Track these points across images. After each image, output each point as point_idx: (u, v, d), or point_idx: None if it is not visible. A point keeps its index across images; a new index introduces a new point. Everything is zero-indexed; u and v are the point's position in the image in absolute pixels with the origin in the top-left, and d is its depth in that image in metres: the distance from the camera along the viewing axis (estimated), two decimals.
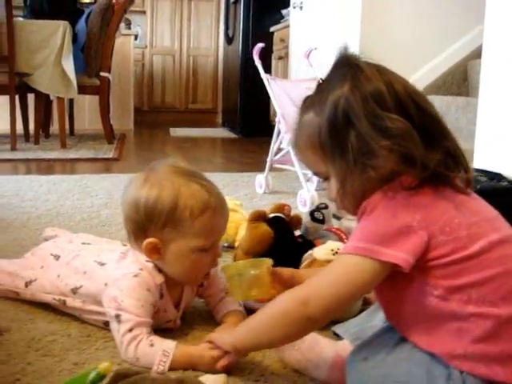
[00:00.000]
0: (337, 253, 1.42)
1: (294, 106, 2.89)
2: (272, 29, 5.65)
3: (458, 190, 0.95)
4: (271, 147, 3.02)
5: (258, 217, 1.57)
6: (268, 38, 5.50)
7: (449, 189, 0.94)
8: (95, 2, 5.10)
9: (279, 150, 3.05)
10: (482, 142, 2.57)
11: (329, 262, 1.40)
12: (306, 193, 2.65)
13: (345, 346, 1.14)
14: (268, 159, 3.03)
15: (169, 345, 1.11)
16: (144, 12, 7.81)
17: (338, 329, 1.24)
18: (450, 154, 0.94)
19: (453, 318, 0.89)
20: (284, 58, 5.29)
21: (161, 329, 1.23)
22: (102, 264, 1.28)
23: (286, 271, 1.22)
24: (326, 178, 1.03)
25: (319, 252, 1.44)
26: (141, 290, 1.17)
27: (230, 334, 1.11)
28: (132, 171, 3.50)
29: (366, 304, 1.43)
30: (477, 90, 3.86)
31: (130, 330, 1.12)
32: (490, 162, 2.45)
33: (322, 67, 3.40)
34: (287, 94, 2.98)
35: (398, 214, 0.91)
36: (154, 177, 1.18)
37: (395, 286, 0.95)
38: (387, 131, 0.91)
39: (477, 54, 3.96)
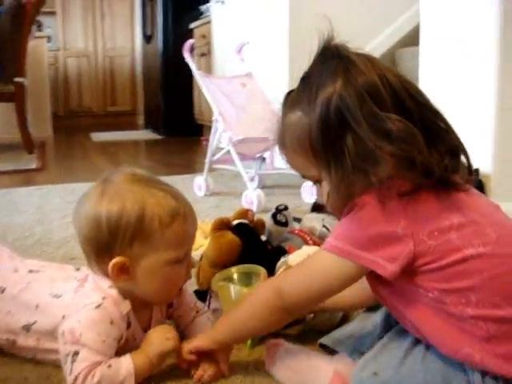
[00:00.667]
0: None
1: (229, 102, 2.79)
2: (192, 25, 5.52)
3: (457, 187, 0.89)
4: (209, 147, 2.89)
5: (222, 225, 1.44)
6: (188, 35, 5.36)
7: (445, 188, 0.88)
8: (1, 3, 4.79)
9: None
10: None
11: None
12: (251, 192, 2.55)
13: (343, 361, 1.05)
14: (206, 160, 2.91)
15: (126, 361, 1.02)
16: (54, 13, 7.47)
17: (327, 341, 1.14)
18: (452, 152, 0.88)
19: (453, 319, 0.85)
20: (207, 54, 5.17)
21: None
22: (58, 296, 1.12)
23: None
24: (316, 181, 0.95)
25: (295, 259, 1.33)
26: (102, 324, 1.03)
27: (208, 332, 1.09)
28: (59, 181, 3.31)
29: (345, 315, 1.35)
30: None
31: (87, 369, 0.99)
32: None
33: (255, 62, 3.31)
34: (221, 90, 2.87)
35: (383, 218, 0.85)
36: (112, 188, 1.05)
37: (392, 289, 0.91)
38: (389, 134, 0.84)
39: (404, 43, 3.99)
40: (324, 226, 1.68)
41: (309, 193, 2.75)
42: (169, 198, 1.05)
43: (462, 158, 0.91)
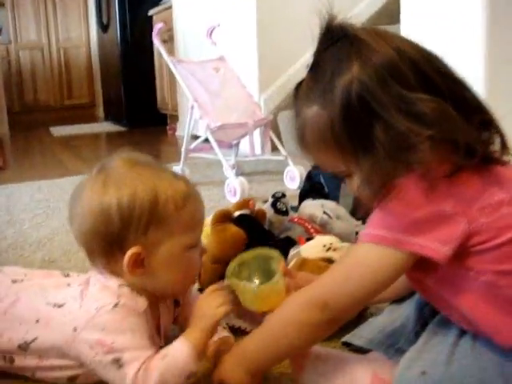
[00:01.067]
0: (330, 249, 1.22)
1: (203, 87, 2.67)
2: (151, 12, 5.33)
3: (495, 161, 0.83)
4: (185, 135, 2.77)
5: (224, 217, 1.33)
6: (147, 22, 5.20)
7: (485, 162, 0.81)
8: None
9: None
10: None
11: (324, 260, 1.21)
12: (234, 180, 2.43)
13: (379, 361, 0.97)
14: (183, 149, 2.78)
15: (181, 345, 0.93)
16: (3, 4, 7.14)
17: (356, 340, 1.05)
18: (485, 123, 0.81)
19: (508, 304, 0.79)
20: (168, 41, 4.99)
21: None
22: (59, 306, 1.00)
23: (301, 276, 1.06)
24: (347, 176, 0.86)
25: (309, 250, 1.24)
26: (130, 318, 0.93)
27: (236, 361, 0.93)
28: (24, 179, 3.14)
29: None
30: None
31: (140, 369, 0.89)
32: None
33: (226, 44, 3.18)
34: (194, 76, 2.74)
35: (428, 199, 0.76)
36: (115, 175, 0.96)
37: (438, 277, 0.82)
38: (422, 117, 0.75)
39: (373, 21, 3.92)
40: (325, 213, 1.58)
41: (291, 179, 2.65)
42: (178, 180, 0.98)
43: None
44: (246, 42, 3.66)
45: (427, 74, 0.79)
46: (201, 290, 1.26)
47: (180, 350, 0.92)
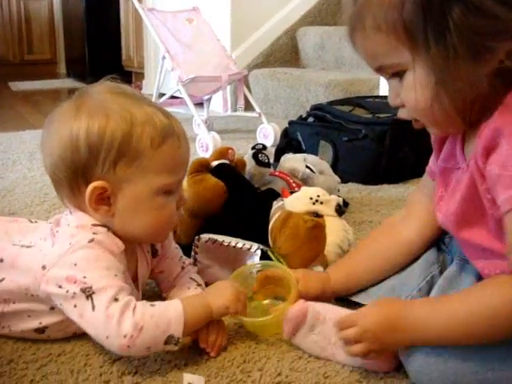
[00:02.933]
0: (317, 201, 1.14)
1: (175, 39, 2.54)
2: None
3: None
4: (155, 89, 2.64)
5: (201, 167, 1.22)
6: None
7: None
8: None
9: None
10: None
11: (310, 214, 1.13)
12: (206, 135, 2.33)
13: None
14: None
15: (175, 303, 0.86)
16: None
17: (363, 300, 0.97)
18: None
19: None
20: None
21: None
22: (28, 246, 0.91)
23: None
24: (395, 74, 0.75)
25: (294, 203, 1.15)
26: (105, 255, 0.84)
27: (401, 331, 0.79)
28: None
29: None
30: None
31: (116, 300, 0.80)
32: None
33: None
34: (166, 26, 2.60)
35: None
36: (91, 101, 0.86)
37: None
38: None
39: None
40: (307, 167, 1.50)
41: (265, 136, 2.56)
42: (160, 115, 0.87)
43: None
44: None
45: None
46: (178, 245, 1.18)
47: (173, 307, 0.84)
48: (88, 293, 0.80)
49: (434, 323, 0.76)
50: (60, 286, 0.82)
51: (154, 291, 1.09)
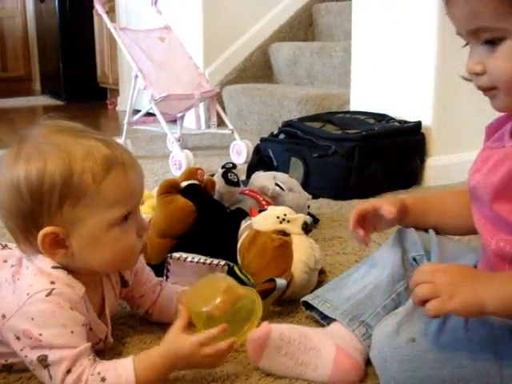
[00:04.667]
0: (284, 219, 1.16)
1: (147, 57, 2.57)
2: None
3: None
4: (128, 107, 2.66)
5: (170, 187, 1.24)
6: None
7: None
8: None
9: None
10: (357, 84, 2.43)
11: (278, 232, 1.15)
12: (179, 153, 2.35)
13: (342, 334, 0.92)
14: (125, 121, 2.67)
15: (125, 367, 0.82)
16: None
17: (320, 305, 0.99)
18: None
19: None
20: (109, 12, 4.80)
21: None
22: None
23: None
24: (488, 41, 0.72)
25: (261, 222, 1.17)
26: (63, 311, 0.82)
27: (484, 283, 0.73)
28: None
29: (322, 273, 1.21)
30: (323, 34, 3.79)
31: (69, 372, 0.79)
32: (368, 104, 2.34)
33: (171, 16, 3.07)
34: (138, 45, 2.63)
35: None
36: (30, 145, 0.84)
37: None
38: None
39: None
40: (277, 185, 1.52)
41: (237, 153, 2.59)
42: (100, 146, 0.85)
43: None
44: (191, 14, 3.55)
45: None
46: (149, 265, 1.19)
47: (125, 379, 0.82)
48: (44, 363, 0.80)
49: None
50: (18, 338, 0.82)
51: (127, 311, 1.10)
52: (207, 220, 1.22)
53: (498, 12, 0.69)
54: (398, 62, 2.22)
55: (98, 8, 2.63)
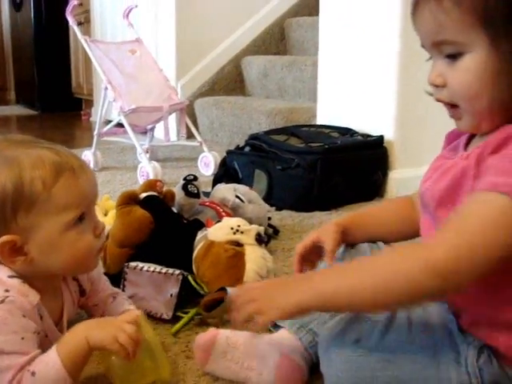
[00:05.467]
0: (238, 231, 1.20)
1: (118, 70, 2.60)
2: None
3: None
4: (98, 119, 2.68)
5: (129, 199, 1.28)
6: (63, 3, 4.99)
7: None
8: None
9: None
10: (323, 98, 2.49)
11: (231, 243, 1.19)
12: (147, 165, 2.38)
13: (286, 341, 0.95)
14: (95, 132, 2.69)
15: (49, 354, 0.85)
16: None
17: None
18: None
19: None
20: (84, 23, 4.83)
21: None
22: None
23: None
24: (450, 55, 0.74)
25: (216, 233, 1.21)
26: (14, 318, 0.85)
27: (294, 287, 0.76)
28: None
29: None
30: (294, 48, 3.86)
31: (14, 379, 0.82)
32: (333, 118, 2.40)
33: (144, 27, 3.09)
34: (109, 57, 2.66)
35: None
36: None
37: None
38: None
39: (293, 13, 3.93)
40: (237, 197, 1.56)
41: (205, 165, 2.62)
42: (49, 154, 0.88)
43: None
44: (164, 26, 3.58)
45: None
46: (106, 275, 1.22)
47: (51, 364, 0.84)
48: None
49: (334, 284, 0.74)
50: None
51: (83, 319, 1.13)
52: (164, 230, 1.25)
53: (461, 25, 0.71)
54: (361, 76, 2.27)
55: (70, 20, 2.66)
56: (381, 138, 2.16)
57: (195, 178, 1.56)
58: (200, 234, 1.25)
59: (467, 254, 0.67)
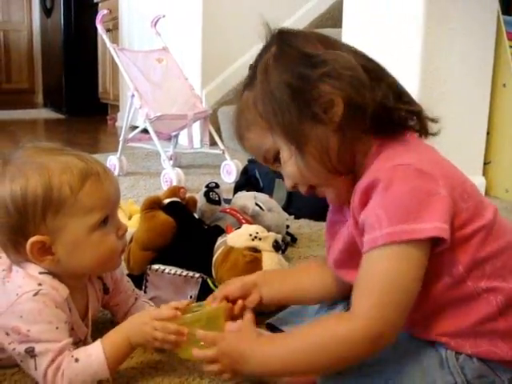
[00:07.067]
0: (256, 237, 1.25)
1: (145, 77, 2.67)
2: None
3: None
4: (124, 125, 2.75)
5: (153, 204, 1.34)
6: (93, 9, 5.11)
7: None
8: None
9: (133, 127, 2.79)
10: None
11: (250, 249, 1.24)
12: (171, 171, 2.44)
13: None
14: (121, 138, 2.76)
15: (94, 346, 0.94)
16: None
17: (274, 321, 1.08)
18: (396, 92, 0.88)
19: (466, 297, 0.79)
20: (112, 30, 4.94)
21: None
22: None
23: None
24: (276, 159, 0.88)
25: (235, 239, 1.26)
26: (48, 309, 0.92)
27: (250, 356, 0.83)
28: None
29: None
30: None
31: (53, 361, 0.90)
32: None
33: (171, 36, 3.16)
34: (136, 65, 2.73)
35: (419, 180, 0.75)
36: (13, 166, 0.95)
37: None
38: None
39: (317, 25, 3.98)
40: (257, 205, 1.61)
41: (228, 173, 2.68)
42: (76, 161, 0.95)
43: None
44: (190, 35, 3.66)
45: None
46: (131, 276, 1.27)
47: (95, 356, 0.92)
48: (32, 354, 0.90)
49: (275, 357, 0.81)
50: (7, 334, 0.92)
51: (107, 317, 1.18)
52: (186, 235, 1.30)
53: (261, 137, 0.86)
54: None
55: (99, 28, 2.74)
56: None
57: (217, 186, 1.61)
58: (220, 240, 1.30)
59: (385, 314, 0.74)
